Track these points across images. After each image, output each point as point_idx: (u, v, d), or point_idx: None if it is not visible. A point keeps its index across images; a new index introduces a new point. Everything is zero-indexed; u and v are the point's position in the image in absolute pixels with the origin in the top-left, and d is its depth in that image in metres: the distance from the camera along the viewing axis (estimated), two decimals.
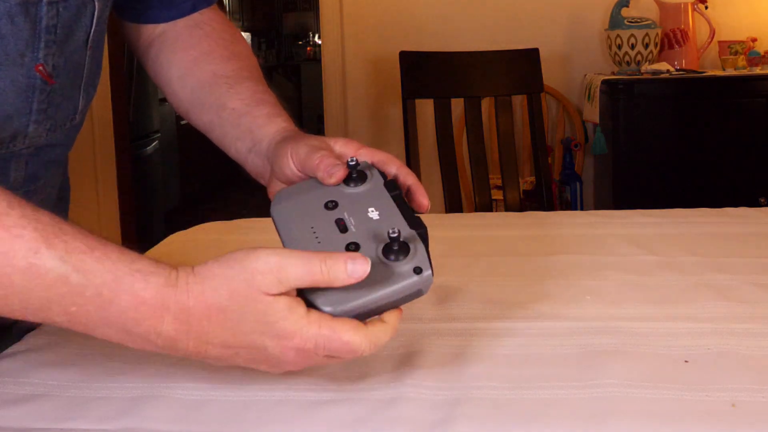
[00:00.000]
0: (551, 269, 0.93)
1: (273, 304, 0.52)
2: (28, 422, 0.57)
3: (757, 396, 0.59)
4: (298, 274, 0.53)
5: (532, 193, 2.76)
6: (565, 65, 3.19)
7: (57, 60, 0.73)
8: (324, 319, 0.54)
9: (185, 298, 0.52)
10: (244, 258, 0.53)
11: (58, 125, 0.78)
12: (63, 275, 0.50)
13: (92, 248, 0.52)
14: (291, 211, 0.65)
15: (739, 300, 0.80)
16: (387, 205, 0.62)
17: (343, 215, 0.62)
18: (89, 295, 0.51)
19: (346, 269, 0.54)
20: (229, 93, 0.83)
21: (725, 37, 3.07)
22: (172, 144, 4.71)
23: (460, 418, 0.56)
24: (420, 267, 0.56)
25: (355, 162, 0.65)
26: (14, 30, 0.68)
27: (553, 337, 0.71)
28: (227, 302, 0.52)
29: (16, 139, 0.74)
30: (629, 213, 1.20)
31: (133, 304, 0.51)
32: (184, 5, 0.90)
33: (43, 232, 0.51)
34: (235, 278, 0.52)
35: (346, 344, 0.54)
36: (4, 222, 0.51)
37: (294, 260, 0.53)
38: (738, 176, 2.72)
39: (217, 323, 0.53)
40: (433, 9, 3.20)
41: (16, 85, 0.71)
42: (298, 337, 0.53)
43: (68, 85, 0.77)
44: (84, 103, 0.82)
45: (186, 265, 0.54)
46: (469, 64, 2.08)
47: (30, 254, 0.50)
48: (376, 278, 0.55)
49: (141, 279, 0.51)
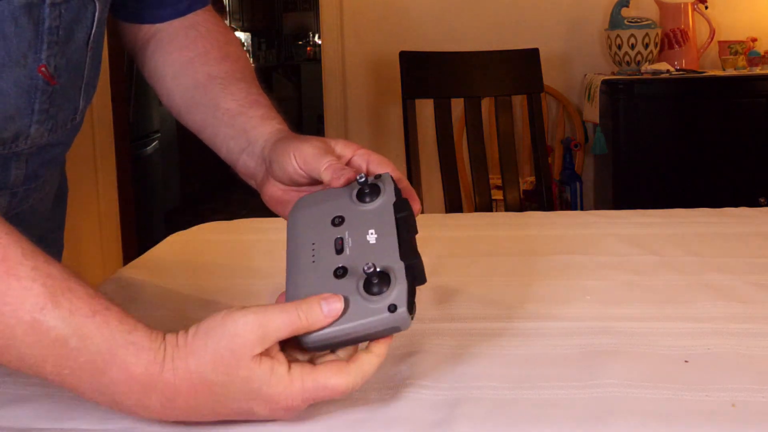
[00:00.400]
0: (551, 269, 0.93)
1: (255, 370, 0.52)
2: (28, 422, 0.57)
3: (757, 396, 0.59)
4: (278, 327, 0.53)
5: (532, 193, 2.76)
6: (565, 65, 3.19)
7: (59, 61, 0.74)
8: (305, 372, 0.54)
9: (171, 378, 0.52)
10: (223, 324, 0.53)
11: (59, 125, 0.79)
12: (63, 337, 0.51)
13: (94, 312, 0.52)
14: (303, 221, 0.66)
15: (739, 300, 0.80)
16: (388, 228, 0.62)
17: (344, 234, 0.62)
18: (83, 361, 0.51)
19: (322, 311, 0.54)
20: (223, 93, 0.83)
21: (725, 37, 3.07)
22: (172, 144, 4.71)
23: (460, 418, 0.56)
24: (395, 304, 0.55)
25: (364, 179, 0.65)
26: (18, 31, 0.68)
27: (553, 337, 0.71)
28: (212, 375, 0.52)
29: (18, 139, 0.74)
30: (629, 213, 1.20)
31: (123, 378, 0.52)
32: (179, 5, 0.90)
33: (51, 287, 0.51)
34: (218, 347, 0.52)
35: (333, 390, 0.54)
36: (18, 272, 0.51)
37: (272, 315, 0.53)
38: (738, 176, 2.72)
39: (204, 396, 0.53)
40: (433, 9, 3.20)
41: (19, 86, 0.71)
42: (283, 399, 0.53)
43: (69, 85, 0.78)
44: (84, 104, 0.82)
45: (174, 333, 0.54)
46: (469, 64, 2.08)
47: (36, 309, 0.51)
48: (352, 311, 0.56)
49: (133, 353, 0.52)
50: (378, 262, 0.57)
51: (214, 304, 0.84)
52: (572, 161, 3.12)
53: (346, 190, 0.66)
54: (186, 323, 0.78)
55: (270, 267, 0.95)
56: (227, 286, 0.90)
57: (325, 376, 0.54)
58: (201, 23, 0.90)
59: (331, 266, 0.59)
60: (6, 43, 0.68)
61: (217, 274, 0.95)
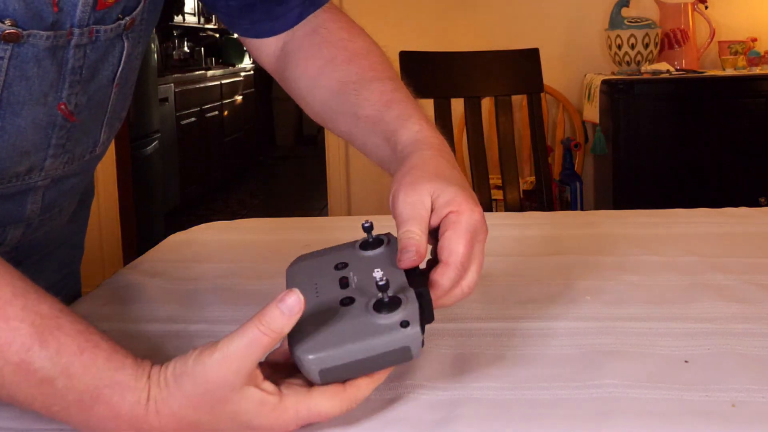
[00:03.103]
0: (551, 269, 0.93)
1: (242, 404, 0.52)
2: (28, 422, 0.57)
3: (757, 396, 0.59)
4: (246, 353, 0.51)
5: (532, 193, 2.76)
6: (565, 65, 3.19)
7: (80, 98, 0.73)
8: (299, 399, 0.53)
9: (155, 421, 0.52)
10: (194, 369, 0.51)
11: (75, 158, 0.78)
12: (50, 378, 0.51)
13: (82, 350, 0.52)
14: (302, 272, 0.64)
15: (739, 300, 0.80)
16: (394, 267, 0.59)
17: (348, 274, 0.60)
18: (71, 399, 0.51)
19: (281, 311, 0.52)
20: (358, 100, 0.79)
21: (725, 37, 3.07)
22: (172, 144, 4.71)
23: (460, 418, 0.56)
24: (407, 321, 0.53)
25: (369, 224, 0.62)
26: (40, 72, 0.67)
27: (553, 337, 0.71)
28: (196, 415, 0.52)
29: (31, 172, 0.74)
30: (629, 213, 1.20)
31: (110, 416, 0.51)
32: (289, 15, 0.86)
33: (39, 327, 0.51)
34: (195, 391, 0.51)
35: (327, 414, 0.54)
36: (6, 312, 0.51)
37: (235, 344, 0.51)
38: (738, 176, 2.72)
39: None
40: (433, 9, 3.20)
41: (37, 123, 0.70)
42: (277, 427, 0.53)
43: (90, 120, 0.77)
44: (106, 137, 0.81)
45: (159, 367, 0.53)
46: (469, 64, 2.08)
47: (23, 350, 0.51)
48: (360, 330, 0.53)
49: (119, 393, 0.51)
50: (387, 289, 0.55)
51: (214, 304, 0.84)
52: (572, 161, 3.12)
53: (349, 245, 0.64)
54: (186, 323, 0.78)
55: (270, 267, 0.95)
56: (227, 286, 0.90)
57: (320, 401, 0.53)
58: (322, 25, 0.86)
59: (337, 298, 0.57)
60: (28, 84, 0.67)
61: (217, 274, 0.95)
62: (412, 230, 0.60)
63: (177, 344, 0.73)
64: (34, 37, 0.65)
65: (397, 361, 0.54)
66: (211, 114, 5.56)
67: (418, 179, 0.64)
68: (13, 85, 0.66)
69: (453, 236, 0.60)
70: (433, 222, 0.62)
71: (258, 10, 0.86)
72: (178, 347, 0.72)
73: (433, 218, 0.62)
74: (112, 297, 0.87)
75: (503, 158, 2.03)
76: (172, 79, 4.84)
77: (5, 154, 0.69)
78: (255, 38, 0.88)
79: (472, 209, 0.62)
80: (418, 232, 0.60)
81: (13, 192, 0.74)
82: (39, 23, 0.65)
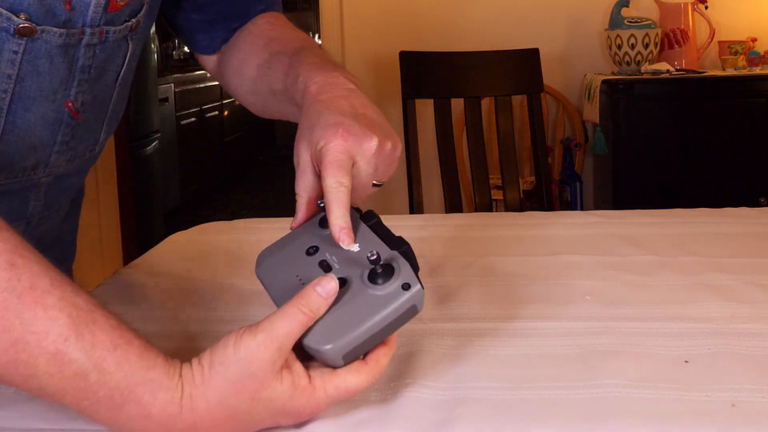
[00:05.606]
0: (551, 269, 0.93)
1: (277, 388, 0.53)
2: (28, 422, 0.57)
3: (757, 396, 0.59)
4: (288, 333, 0.53)
5: (532, 193, 2.76)
6: (565, 65, 3.19)
7: (86, 97, 0.75)
8: (326, 379, 0.54)
9: (190, 417, 0.52)
10: (236, 351, 0.52)
11: (77, 156, 0.80)
12: (83, 371, 0.50)
13: (116, 346, 0.51)
14: (275, 268, 0.64)
15: (739, 300, 0.80)
16: (366, 235, 0.62)
17: (325, 256, 0.61)
18: (102, 395, 0.51)
19: (319, 295, 0.54)
20: (269, 79, 0.82)
21: (725, 37, 3.07)
22: (172, 144, 4.71)
23: (460, 418, 0.56)
24: (408, 283, 0.56)
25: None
26: (51, 69, 0.69)
27: (553, 337, 0.71)
28: (237, 403, 0.52)
29: (37, 168, 0.76)
30: (629, 213, 1.20)
31: (140, 415, 0.51)
32: (226, 33, 0.91)
33: (76, 318, 0.51)
34: (240, 375, 0.52)
35: (356, 389, 0.55)
36: (45, 301, 0.51)
37: (278, 324, 0.53)
38: (738, 176, 2.72)
39: (227, 426, 0.53)
40: (433, 9, 3.20)
41: (45, 120, 0.72)
42: (309, 408, 0.54)
43: (92, 119, 0.79)
44: (104, 137, 0.83)
45: (190, 366, 0.53)
46: (469, 64, 2.08)
47: (60, 340, 0.50)
48: (367, 306, 0.55)
49: (150, 392, 0.51)
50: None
51: (214, 304, 0.84)
52: (572, 161, 3.12)
53: (307, 226, 0.66)
54: (186, 323, 0.78)
55: None
56: (227, 286, 0.90)
57: (347, 378, 0.55)
58: (253, 23, 0.90)
59: None
60: (39, 79, 0.69)
61: (217, 274, 0.95)
62: (299, 194, 0.66)
63: (177, 344, 0.73)
64: (47, 33, 0.67)
65: (407, 320, 0.57)
66: (211, 114, 5.56)
67: (298, 140, 0.67)
68: (26, 80, 0.68)
69: (323, 173, 0.62)
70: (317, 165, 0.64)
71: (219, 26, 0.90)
72: (178, 347, 0.72)
73: (316, 162, 0.65)
74: (112, 297, 0.87)
75: (503, 158, 2.03)
76: (172, 79, 4.84)
77: (14, 148, 0.71)
78: (201, 54, 0.93)
79: (334, 134, 0.63)
80: (303, 195, 0.66)
81: (18, 188, 0.76)
82: (52, 20, 0.67)
